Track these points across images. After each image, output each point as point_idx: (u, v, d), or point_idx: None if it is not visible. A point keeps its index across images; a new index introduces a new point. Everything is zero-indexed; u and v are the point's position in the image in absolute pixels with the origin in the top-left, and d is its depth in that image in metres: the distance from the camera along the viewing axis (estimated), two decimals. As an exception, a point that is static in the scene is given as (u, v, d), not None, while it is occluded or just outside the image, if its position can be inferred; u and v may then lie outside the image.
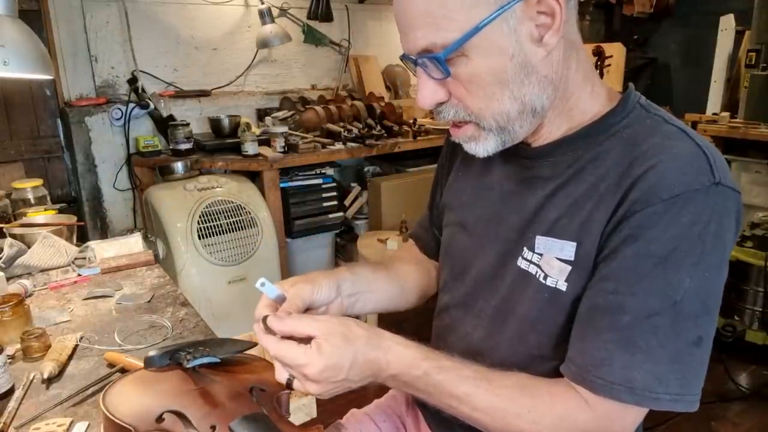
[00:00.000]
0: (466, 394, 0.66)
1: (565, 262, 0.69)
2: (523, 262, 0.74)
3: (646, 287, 0.61)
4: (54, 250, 1.34)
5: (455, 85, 0.68)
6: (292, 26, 2.98)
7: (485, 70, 0.65)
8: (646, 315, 0.61)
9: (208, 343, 0.79)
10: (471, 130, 0.71)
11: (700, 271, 0.61)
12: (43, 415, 0.79)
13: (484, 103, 0.67)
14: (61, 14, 2.42)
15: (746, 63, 3.20)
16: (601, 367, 0.63)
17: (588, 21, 4.33)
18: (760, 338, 2.43)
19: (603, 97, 0.73)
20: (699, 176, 0.61)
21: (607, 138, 0.70)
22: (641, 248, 0.61)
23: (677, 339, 0.61)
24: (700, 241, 0.60)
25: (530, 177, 0.76)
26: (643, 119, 0.69)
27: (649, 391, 0.61)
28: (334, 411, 1.00)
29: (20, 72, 1.10)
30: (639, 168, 0.63)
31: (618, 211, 0.64)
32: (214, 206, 2.23)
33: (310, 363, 0.62)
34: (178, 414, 0.66)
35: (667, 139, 0.65)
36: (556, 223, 0.70)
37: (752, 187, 3.18)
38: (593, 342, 0.64)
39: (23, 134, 2.48)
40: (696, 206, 0.60)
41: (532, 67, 0.66)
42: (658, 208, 0.60)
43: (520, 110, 0.67)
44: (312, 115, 2.82)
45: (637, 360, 0.61)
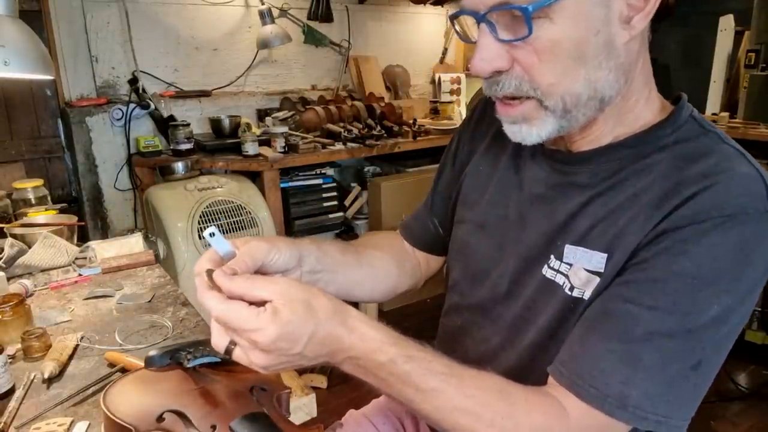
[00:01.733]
0: (433, 390, 0.58)
1: (594, 273, 0.64)
2: (549, 270, 0.70)
3: (669, 304, 0.57)
4: (55, 250, 1.34)
5: (526, 53, 0.59)
6: (292, 27, 2.98)
7: (568, 38, 0.57)
8: (660, 332, 0.57)
9: (208, 343, 0.79)
10: (530, 108, 0.63)
11: (731, 298, 0.57)
12: (44, 414, 0.79)
13: (556, 78, 0.60)
14: (62, 14, 2.42)
15: (746, 63, 3.20)
16: (599, 377, 0.59)
17: (588, 21, 4.32)
18: (760, 338, 2.43)
19: (657, 105, 0.69)
20: (755, 201, 0.57)
21: (654, 150, 0.65)
22: (677, 263, 0.57)
23: (683, 363, 0.58)
24: (741, 267, 0.56)
25: (565, 183, 0.71)
26: (697, 135, 0.65)
27: (640, 409, 0.58)
28: (334, 411, 1.00)
29: (21, 72, 1.10)
30: (693, 187, 0.59)
31: (660, 225, 0.59)
32: (214, 206, 2.23)
33: (262, 329, 0.52)
34: (179, 413, 0.66)
35: (725, 160, 0.60)
36: (588, 233, 0.66)
37: (752, 188, 3.18)
38: (596, 349, 0.60)
39: (24, 134, 2.48)
40: (745, 231, 0.56)
41: (614, 50, 0.60)
42: (705, 226, 0.56)
43: (591, 95, 0.61)
44: (312, 115, 2.83)
45: (638, 377, 0.58)
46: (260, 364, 0.55)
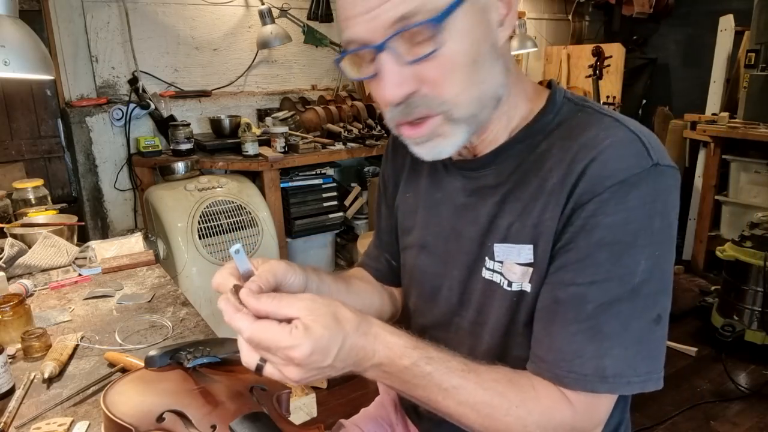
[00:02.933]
0: (454, 387, 0.62)
1: (526, 265, 0.68)
2: (486, 272, 0.74)
3: (604, 275, 0.61)
4: (55, 250, 1.35)
5: (431, 69, 0.61)
6: (292, 27, 2.98)
7: (465, 47, 0.61)
8: (608, 301, 0.61)
9: (208, 343, 0.80)
10: (437, 125, 0.65)
11: (653, 251, 0.62)
12: (44, 414, 0.79)
13: (460, 87, 0.62)
14: (62, 14, 2.42)
15: (746, 63, 3.20)
16: (572, 360, 0.62)
17: (588, 21, 4.33)
18: (760, 338, 2.43)
19: (532, 95, 0.73)
20: (639, 160, 0.61)
21: (544, 138, 0.70)
22: (594, 237, 0.62)
23: (640, 320, 0.62)
24: (650, 221, 0.61)
25: (478, 187, 0.75)
26: (575, 112, 0.70)
27: (621, 376, 0.61)
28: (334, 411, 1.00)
29: (21, 72, 1.10)
30: (581, 162, 0.63)
31: (567, 205, 0.64)
32: (214, 206, 2.23)
33: (297, 345, 0.54)
34: (179, 413, 0.66)
35: (603, 130, 0.65)
36: (509, 229, 0.70)
37: (751, 187, 3.19)
38: (561, 336, 0.63)
39: (24, 134, 2.48)
40: (640, 189, 0.61)
41: (498, 51, 0.64)
42: (604, 196, 0.61)
43: (491, 95, 0.66)
44: (312, 115, 2.83)
45: (605, 347, 0.61)
46: (294, 378, 0.57)
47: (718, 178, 3.24)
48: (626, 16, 4.23)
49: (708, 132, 3.15)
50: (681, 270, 3.39)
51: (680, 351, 2.47)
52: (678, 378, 2.29)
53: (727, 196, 3.28)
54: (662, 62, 4.49)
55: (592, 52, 3.40)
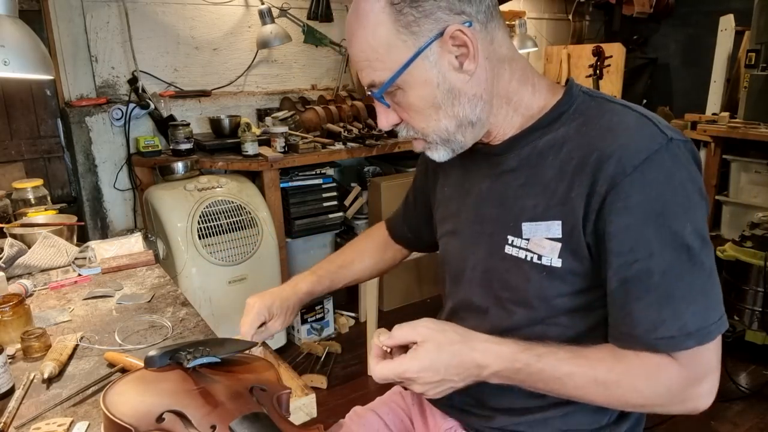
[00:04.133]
0: (568, 375, 0.71)
1: (555, 240, 0.75)
2: (512, 249, 0.80)
3: (659, 244, 0.68)
4: (54, 250, 1.34)
5: (400, 111, 0.79)
6: (292, 26, 2.98)
7: (418, 98, 0.76)
8: (670, 267, 0.68)
9: (208, 343, 0.80)
10: (422, 144, 0.82)
11: (692, 213, 0.69)
12: (44, 414, 0.79)
13: (425, 123, 0.78)
14: (62, 14, 2.42)
15: (746, 63, 3.20)
16: (658, 329, 0.69)
17: (588, 21, 4.33)
18: (760, 338, 2.43)
19: (545, 91, 0.81)
20: (655, 138, 0.69)
21: (561, 125, 0.78)
22: (637, 214, 0.68)
23: (700, 276, 0.69)
24: (682, 188, 0.68)
25: (501, 172, 0.83)
26: (589, 102, 0.78)
27: (701, 328, 0.68)
28: (334, 411, 1.00)
29: (21, 72, 1.10)
30: (600, 147, 0.71)
31: (596, 187, 0.70)
32: (214, 206, 2.23)
33: (407, 369, 0.71)
34: (179, 414, 0.66)
35: (616, 115, 0.74)
36: (535, 208, 0.77)
37: (752, 187, 3.19)
38: (639, 310, 0.70)
39: (24, 134, 2.48)
40: (663, 163, 0.68)
41: (459, 91, 0.75)
42: (634, 176, 0.68)
43: (458, 124, 0.77)
44: (312, 115, 2.83)
45: (681, 308, 0.68)
46: (419, 391, 0.73)
47: (718, 178, 3.24)
48: (626, 16, 4.23)
49: (708, 132, 3.15)
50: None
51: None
52: (678, 378, 2.29)
53: (728, 196, 3.28)
54: (662, 62, 4.49)
55: (593, 51, 3.40)
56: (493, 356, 0.71)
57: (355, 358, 2.53)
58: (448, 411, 0.93)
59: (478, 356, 0.71)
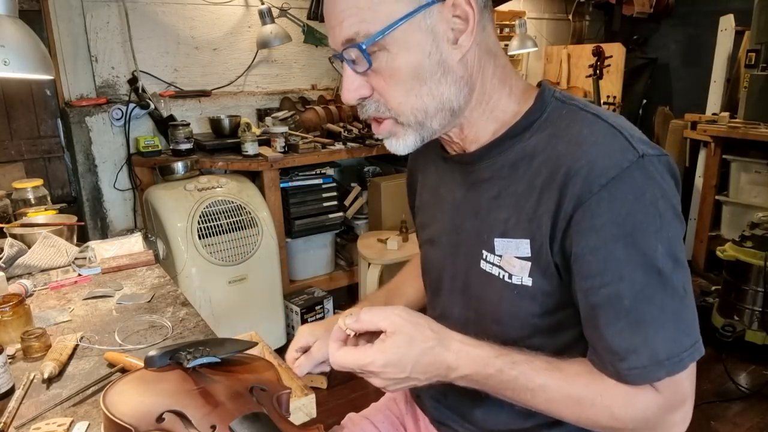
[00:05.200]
0: (541, 387, 0.67)
1: (524, 259, 0.72)
2: (486, 264, 0.77)
3: (628, 267, 0.64)
4: (54, 250, 1.34)
5: (377, 79, 0.70)
6: (292, 26, 2.98)
7: (404, 64, 0.68)
8: (640, 290, 0.64)
9: (208, 343, 0.79)
10: (389, 126, 0.73)
11: (664, 233, 0.64)
12: (44, 414, 0.79)
13: (403, 98, 0.70)
14: (62, 14, 2.42)
15: (746, 63, 3.20)
16: (628, 358, 0.65)
17: (588, 21, 4.33)
18: (760, 338, 2.43)
19: (520, 94, 0.76)
20: (624, 154, 0.64)
21: (532, 134, 0.73)
22: (605, 235, 0.64)
23: (672, 299, 0.65)
24: (653, 206, 0.64)
25: (474, 181, 0.79)
26: (561, 110, 0.73)
27: (674, 355, 0.64)
28: (334, 411, 1.00)
29: (21, 72, 1.10)
30: (568, 161, 0.66)
31: (562, 206, 0.66)
32: (214, 206, 2.23)
33: (372, 361, 0.65)
34: (179, 414, 0.66)
35: (586, 126, 0.68)
36: (507, 224, 0.74)
37: (752, 187, 3.19)
38: (611, 337, 0.66)
39: (24, 134, 2.48)
40: (633, 181, 0.63)
41: (449, 67, 0.69)
42: (602, 194, 0.63)
43: (438, 107, 0.71)
44: (312, 115, 2.83)
45: (651, 334, 0.65)
46: (379, 385, 0.68)
47: (718, 178, 3.23)
48: (626, 16, 4.22)
49: (708, 132, 3.15)
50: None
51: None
52: (678, 378, 2.29)
53: (728, 196, 3.28)
54: (662, 62, 4.49)
55: (593, 51, 3.40)
56: (466, 359, 0.67)
57: (355, 358, 2.53)
58: (436, 426, 0.91)
59: (451, 357, 0.67)
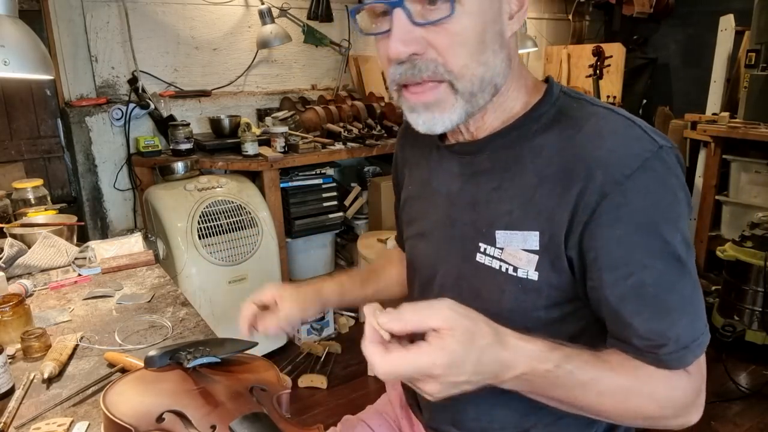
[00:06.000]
0: (593, 379, 0.63)
1: (531, 252, 0.69)
2: (484, 257, 0.74)
3: (651, 255, 0.64)
4: (54, 250, 1.34)
5: (441, 36, 0.63)
6: (292, 26, 2.98)
7: (475, 23, 0.63)
8: (663, 278, 0.64)
9: (208, 343, 0.79)
10: (442, 93, 0.66)
11: (683, 221, 0.65)
12: (44, 414, 0.79)
13: (467, 60, 0.64)
14: (61, 14, 2.42)
15: (746, 63, 3.20)
16: (664, 344, 0.65)
17: (588, 21, 4.32)
18: (760, 338, 2.43)
19: (530, 88, 0.75)
20: (644, 145, 0.64)
21: (540, 127, 0.71)
22: (629, 224, 0.64)
23: (688, 285, 0.66)
24: (674, 196, 0.64)
25: (473, 173, 0.77)
26: (571, 105, 0.72)
27: (695, 339, 0.66)
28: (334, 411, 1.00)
29: (21, 72, 1.10)
30: (588, 153, 0.65)
31: (584, 198, 0.65)
32: (214, 206, 2.23)
33: (433, 362, 0.54)
34: (179, 414, 0.66)
35: (603, 119, 0.68)
36: (511, 215, 0.71)
37: (752, 187, 3.19)
38: (640, 325, 0.66)
39: (23, 134, 2.48)
40: (655, 172, 0.64)
41: (504, 41, 0.67)
42: (627, 185, 0.63)
43: (490, 80, 0.67)
44: (312, 115, 2.83)
45: (675, 319, 0.65)
46: (432, 392, 0.57)
47: (718, 178, 3.23)
48: (626, 16, 4.22)
49: (708, 132, 3.15)
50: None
51: (680, 351, 2.47)
52: (678, 378, 2.29)
53: (728, 196, 3.28)
54: (662, 62, 4.49)
55: (593, 51, 3.40)
56: (523, 355, 0.60)
57: (356, 358, 2.53)
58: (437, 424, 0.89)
59: (508, 355, 0.59)
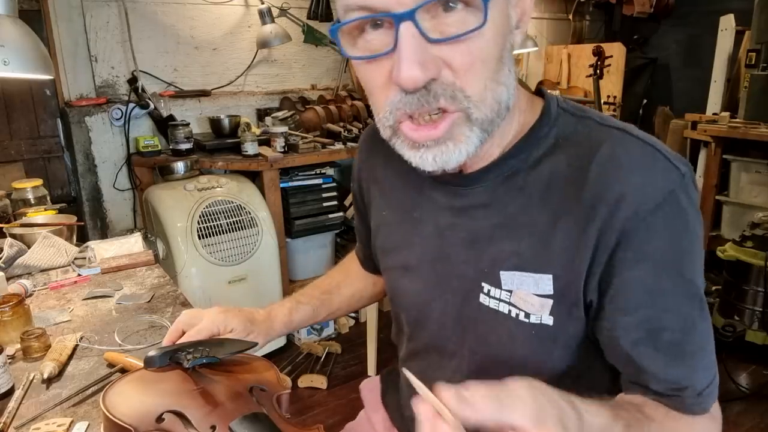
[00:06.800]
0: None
1: (545, 297, 0.63)
2: (489, 300, 0.67)
3: (674, 298, 0.60)
4: (54, 250, 1.34)
5: (459, 53, 0.51)
6: (292, 26, 2.98)
7: (497, 36, 0.53)
8: (686, 321, 0.61)
9: (208, 343, 0.79)
10: (458, 122, 0.55)
11: (701, 258, 0.61)
12: (43, 415, 0.79)
13: (488, 81, 0.54)
14: (61, 14, 2.42)
15: (746, 63, 3.20)
16: (687, 387, 0.62)
17: (588, 21, 4.32)
18: (760, 338, 2.43)
19: (524, 104, 0.66)
20: (668, 175, 0.58)
21: (544, 153, 0.63)
22: (651, 265, 0.58)
23: (706, 322, 0.63)
24: (695, 232, 0.60)
25: (467, 206, 0.68)
26: (574, 125, 0.64)
27: (709, 384, 0.63)
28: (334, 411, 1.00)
29: (20, 72, 1.10)
30: (609, 188, 0.58)
31: (604, 237, 0.58)
32: (214, 206, 2.23)
33: None
34: (178, 414, 0.66)
35: (618, 145, 0.60)
36: (519, 256, 0.64)
37: (752, 187, 3.18)
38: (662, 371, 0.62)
39: (23, 134, 2.48)
40: (678, 205, 0.58)
41: (511, 53, 0.58)
42: (650, 220, 0.57)
43: (506, 102, 0.57)
44: (312, 115, 2.82)
45: (696, 361, 0.62)
46: None
47: (718, 178, 3.23)
48: (627, 16, 4.22)
49: (709, 132, 3.15)
50: (681, 270, 3.38)
51: (681, 351, 2.47)
52: (678, 378, 2.29)
53: (728, 196, 3.28)
54: (663, 62, 4.49)
55: (593, 51, 3.40)
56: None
57: (355, 358, 2.53)
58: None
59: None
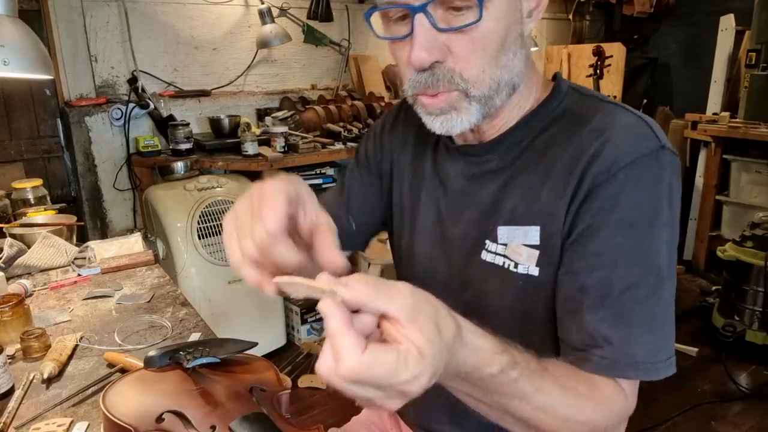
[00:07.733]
0: (535, 390, 0.55)
1: (532, 247, 0.68)
2: (488, 255, 0.73)
3: (628, 257, 0.62)
4: (54, 250, 1.34)
5: (463, 42, 0.61)
6: (292, 26, 2.98)
7: (499, 27, 0.62)
8: (634, 284, 0.61)
9: (208, 343, 0.79)
10: (454, 99, 0.65)
11: (670, 229, 0.63)
12: (43, 415, 0.79)
13: (487, 66, 0.63)
14: (61, 14, 2.42)
15: (746, 63, 3.20)
16: (602, 347, 0.61)
17: (588, 21, 4.33)
18: (760, 338, 2.43)
19: (540, 84, 0.74)
20: (647, 142, 0.63)
21: (549, 123, 0.70)
22: (612, 218, 0.62)
23: (661, 304, 0.63)
24: (667, 200, 0.62)
25: (480, 173, 0.75)
26: (579, 101, 0.71)
27: (649, 362, 0.62)
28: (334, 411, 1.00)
29: (20, 72, 1.10)
30: (591, 145, 0.64)
31: (580, 187, 0.64)
32: (214, 206, 2.23)
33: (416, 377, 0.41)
34: (178, 414, 0.66)
35: (610, 114, 0.67)
36: (514, 212, 0.70)
37: (752, 187, 3.19)
38: (591, 322, 0.62)
39: (23, 134, 2.47)
40: (651, 169, 0.62)
41: (523, 40, 0.66)
42: (619, 176, 0.61)
43: (507, 82, 0.66)
44: (312, 115, 2.82)
45: (635, 334, 0.62)
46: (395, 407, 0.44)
47: (718, 178, 3.24)
48: (627, 16, 4.22)
49: (709, 132, 3.15)
50: (682, 270, 3.38)
51: (681, 351, 2.47)
52: (679, 378, 2.29)
53: (728, 196, 3.28)
54: (663, 62, 4.49)
55: (593, 51, 3.40)
56: (471, 352, 0.49)
57: (355, 358, 2.52)
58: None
59: (465, 352, 0.48)
